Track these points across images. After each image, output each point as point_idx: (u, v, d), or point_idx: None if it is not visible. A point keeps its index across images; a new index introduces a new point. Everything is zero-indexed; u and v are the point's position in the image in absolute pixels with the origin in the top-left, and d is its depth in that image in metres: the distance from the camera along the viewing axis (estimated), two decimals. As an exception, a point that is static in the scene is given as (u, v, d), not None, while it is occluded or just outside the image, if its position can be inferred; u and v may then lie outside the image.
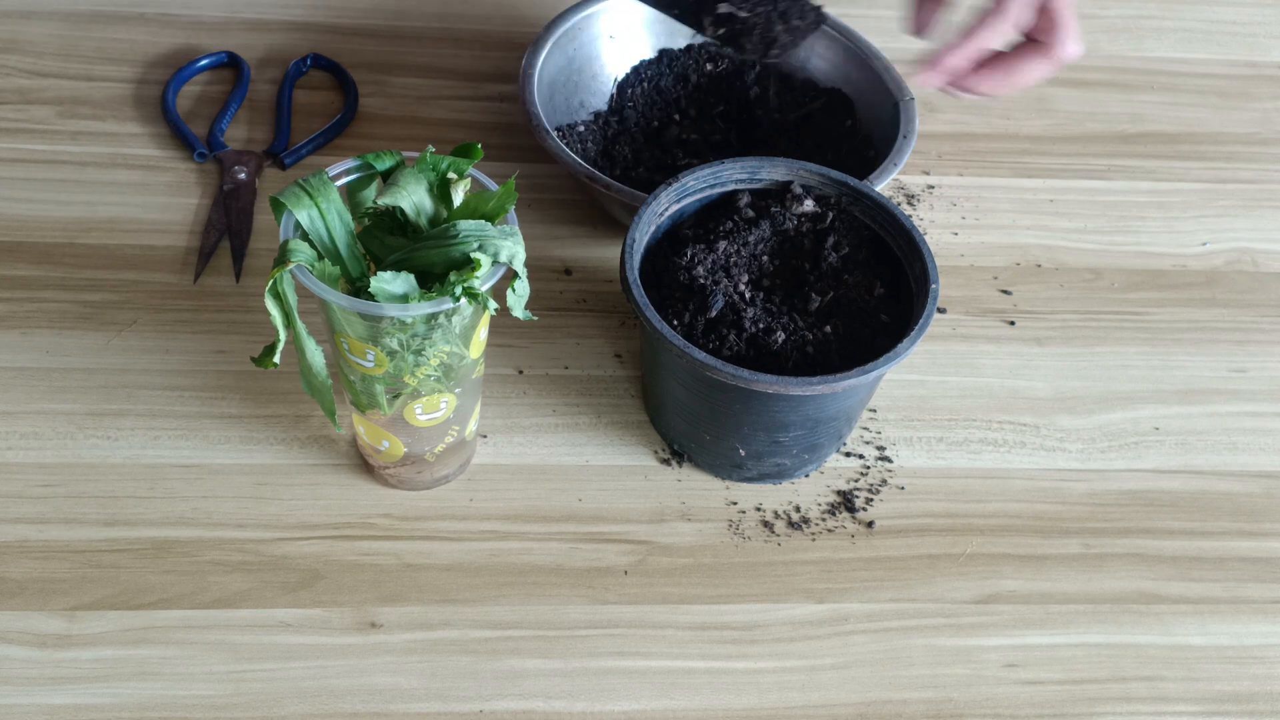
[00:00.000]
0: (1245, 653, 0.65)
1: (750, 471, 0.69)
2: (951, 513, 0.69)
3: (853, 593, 0.66)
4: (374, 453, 0.66)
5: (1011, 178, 0.89)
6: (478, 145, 0.59)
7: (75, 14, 0.92)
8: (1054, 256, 0.84)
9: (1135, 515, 0.70)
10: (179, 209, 0.80)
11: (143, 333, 0.73)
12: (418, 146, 0.60)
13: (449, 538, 0.66)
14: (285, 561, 0.64)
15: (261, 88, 0.89)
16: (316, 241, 0.57)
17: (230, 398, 0.70)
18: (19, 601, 0.62)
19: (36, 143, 0.83)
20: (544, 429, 0.71)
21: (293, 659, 0.61)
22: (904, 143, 0.78)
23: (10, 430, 0.68)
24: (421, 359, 0.58)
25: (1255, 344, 0.80)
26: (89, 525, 0.65)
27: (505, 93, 0.90)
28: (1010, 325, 0.79)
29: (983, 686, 0.63)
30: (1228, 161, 0.92)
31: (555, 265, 0.79)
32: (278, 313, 0.56)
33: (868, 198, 0.70)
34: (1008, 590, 0.66)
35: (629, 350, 0.76)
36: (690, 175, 0.70)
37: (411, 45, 0.93)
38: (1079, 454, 0.73)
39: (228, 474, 0.67)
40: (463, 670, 0.61)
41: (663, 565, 0.66)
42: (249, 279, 0.76)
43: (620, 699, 0.61)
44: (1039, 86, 0.96)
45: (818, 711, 0.61)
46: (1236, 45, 1.02)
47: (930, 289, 0.66)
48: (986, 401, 0.75)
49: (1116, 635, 0.65)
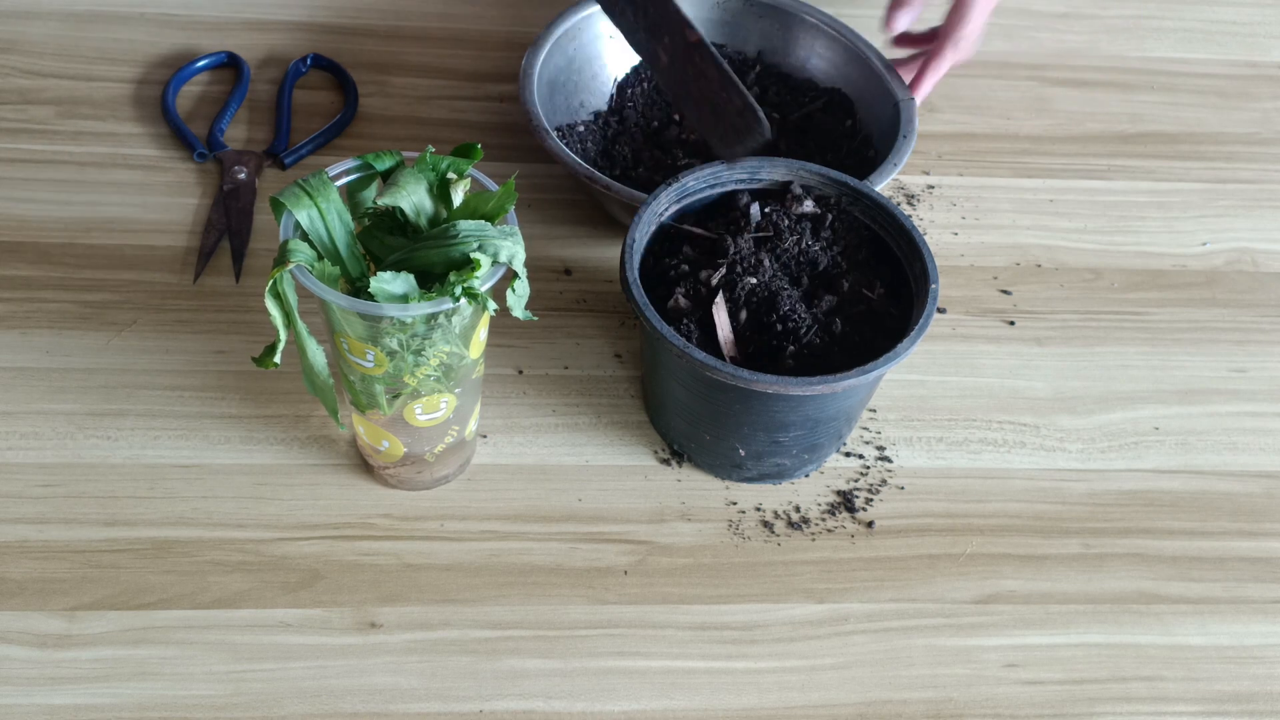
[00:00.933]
0: (1245, 653, 0.65)
1: (750, 471, 0.69)
2: (951, 513, 0.69)
3: (853, 593, 0.66)
4: (374, 453, 0.66)
5: (1011, 178, 0.89)
6: (478, 145, 0.59)
7: (75, 14, 0.92)
8: (1054, 256, 0.84)
9: (1135, 515, 0.70)
10: (179, 209, 0.80)
11: (143, 333, 0.73)
12: (418, 146, 0.60)
13: (449, 538, 0.66)
14: (285, 561, 0.64)
15: (261, 88, 0.89)
16: (316, 241, 0.57)
17: (230, 398, 0.70)
18: (19, 601, 0.62)
19: (36, 143, 0.83)
20: (544, 429, 0.71)
21: (293, 659, 0.61)
22: (904, 143, 0.78)
23: (10, 430, 0.68)
24: (421, 359, 0.58)
25: (1255, 344, 0.80)
26: (89, 525, 0.65)
27: (505, 93, 0.90)
28: (1010, 325, 0.79)
29: (983, 686, 0.63)
30: (1228, 161, 0.92)
31: (555, 265, 0.79)
32: (278, 313, 0.56)
33: (868, 198, 0.70)
34: (1008, 590, 0.66)
35: (629, 350, 0.76)
36: (690, 175, 0.70)
37: (411, 45, 0.93)
38: (1079, 454, 0.73)
39: (228, 474, 0.67)
40: (463, 670, 0.61)
41: (663, 565, 0.66)
42: (249, 279, 0.76)
43: (620, 699, 0.61)
44: (1039, 86, 0.96)
45: (818, 711, 0.61)
46: (1236, 45, 1.02)
47: (930, 289, 0.66)
48: (986, 401, 0.75)
49: (1116, 635, 0.65)
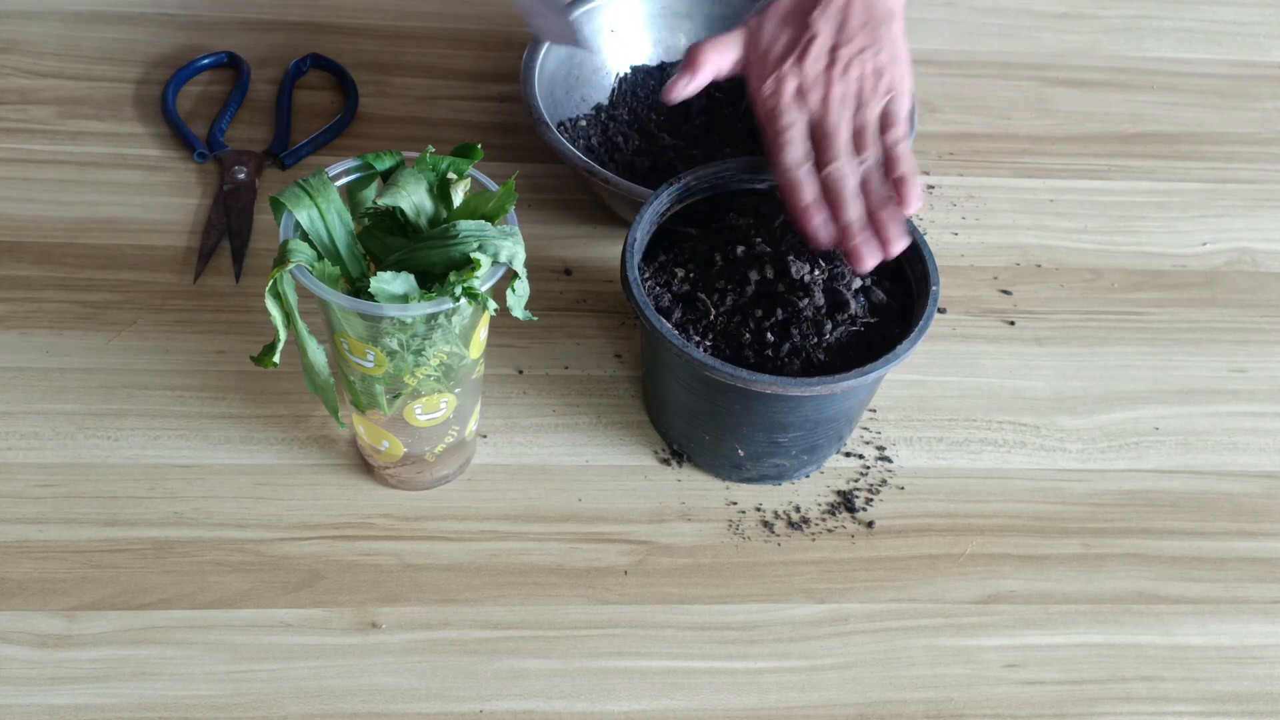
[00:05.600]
0: (1245, 653, 0.65)
1: (750, 472, 0.69)
2: (951, 513, 0.69)
3: (853, 593, 0.66)
4: (374, 453, 0.66)
5: (1011, 178, 0.89)
6: (478, 145, 0.59)
7: (75, 14, 0.92)
8: (1054, 256, 0.84)
9: (1135, 515, 0.70)
10: (179, 209, 0.80)
11: (143, 333, 0.73)
12: (418, 146, 0.60)
13: (449, 538, 0.66)
14: (285, 561, 0.64)
15: (261, 88, 0.89)
16: (316, 241, 0.57)
17: (230, 398, 0.70)
18: (19, 601, 0.62)
19: (36, 143, 0.83)
20: (544, 429, 0.71)
21: (293, 659, 0.61)
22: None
23: (10, 430, 0.68)
24: (421, 359, 0.58)
25: (1255, 344, 0.80)
26: (89, 525, 0.65)
27: (505, 93, 0.90)
28: (1010, 325, 0.79)
29: (983, 686, 0.63)
30: (1228, 161, 0.91)
31: (555, 265, 0.79)
32: (278, 312, 0.56)
33: (868, 198, 0.70)
34: (1008, 590, 0.66)
35: (629, 350, 0.76)
36: (692, 175, 0.70)
37: (411, 45, 0.93)
38: (1079, 454, 0.73)
39: (228, 474, 0.67)
40: (463, 670, 0.61)
41: (663, 565, 0.66)
42: (249, 279, 0.76)
43: (620, 699, 0.61)
44: (1039, 86, 0.96)
45: (818, 711, 0.61)
46: (1236, 45, 1.02)
47: (931, 290, 0.65)
48: (986, 401, 0.75)
49: (1116, 635, 0.65)
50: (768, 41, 0.69)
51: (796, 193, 0.66)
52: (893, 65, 0.68)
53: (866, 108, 0.67)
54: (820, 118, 0.67)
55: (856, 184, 0.66)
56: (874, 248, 0.65)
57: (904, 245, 0.65)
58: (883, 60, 0.68)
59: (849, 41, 0.68)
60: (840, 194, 0.65)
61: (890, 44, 0.69)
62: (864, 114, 0.67)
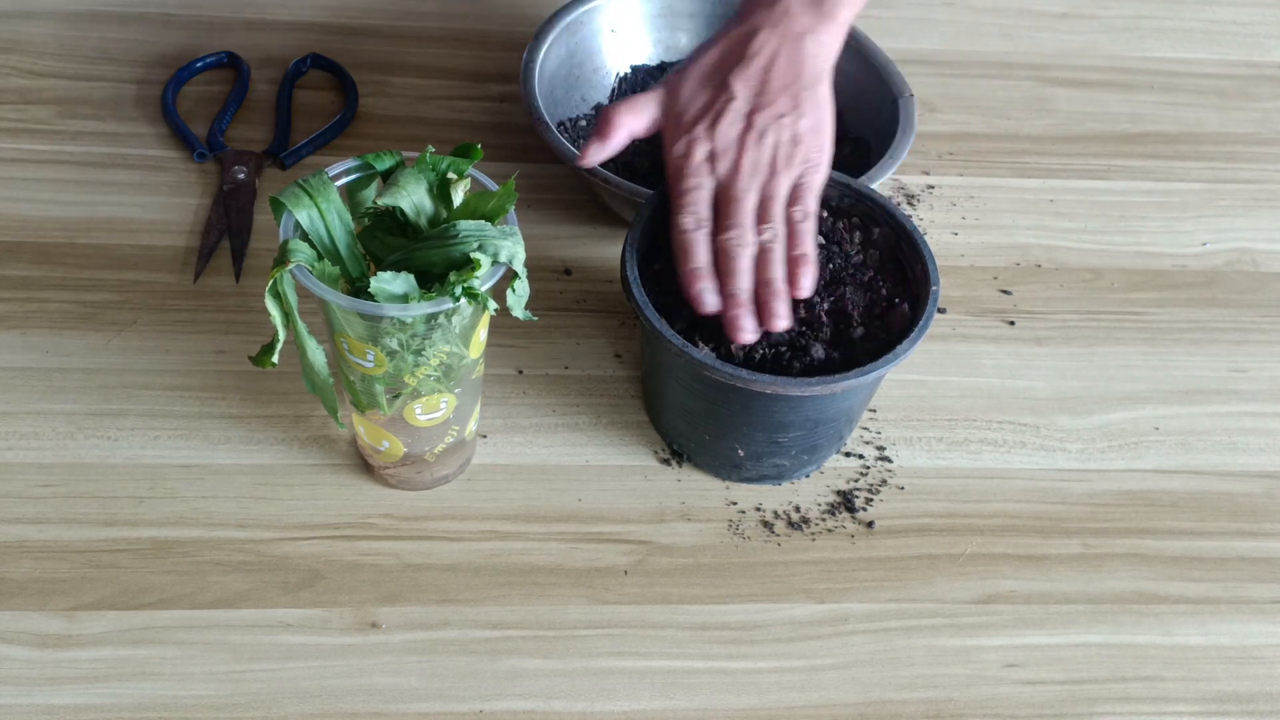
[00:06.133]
0: (1245, 653, 0.65)
1: (749, 472, 0.69)
2: (951, 513, 0.69)
3: (853, 593, 0.66)
4: (374, 453, 0.66)
5: (1011, 178, 0.89)
6: (478, 145, 0.59)
7: (75, 14, 0.92)
8: (1054, 256, 0.84)
9: (1135, 515, 0.70)
10: (179, 209, 0.80)
11: (143, 333, 0.73)
12: (418, 146, 0.60)
13: (449, 538, 0.66)
14: (285, 561, 0.64)
15: (261, 88, 0.89)
16: (316, 241, 0.57)
17: (230, 398, 0.70)
18: (19, 601, 0.62)
19: (36, 143, 0.83)
20: (544, 429, 0.71)
21: (293, 659, 0.61)
22: (902, 138, 0.78)
23: (10, 430, 0.68)
24: (421, 359, 0.58)
25: (1255, 344, 0.80)
26: (89, 525, 0.65)
27: (505, 93, 0.90)
28: (1010, 325, 0.79)
29: (983, 686, 0.63)
30: (1228, 161, 0.92)
31: (555, 265, 0.79)
32: (278, 312, 0.56)
33: (868, 199, 0.70)
34: (1008, 590, 0.66)
35: (629, 350, 0.76)
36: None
37: (411, 45, 0.93)
38: (1079, 454, 0.73)
39: (228, 474, 0.67)
40: (463, 670, 0.61)
41: (662, 565, 0.66)
42: (249, 279, 0.76)
43: (620, 699, 0.61)
44: (1039, 86, 0.96)
45: (818, 711, 0.61)
46: (1236, 45, 1.02)
47: (931, 290, 0.65)
48: (986, 401, 0.75)
49: (1116, 635, 0.65)
50: (685, 101, 0.67)
51: (686, 255, 0.65)
52: (812, 134, 0.66)
53: (778, 177, 0.65)
54: (728, 184, 0.65)
55: (752, 255, 0.64)
56: (753, 322, 0.64)
57: (786, 325, 0.64)
58: (802, 128, 0.66)
59: (768, 106, 0.66)
60: (731, 263, 0.64)
61: (814, 109, 0.67)
62: (774, 184, 0.65)
